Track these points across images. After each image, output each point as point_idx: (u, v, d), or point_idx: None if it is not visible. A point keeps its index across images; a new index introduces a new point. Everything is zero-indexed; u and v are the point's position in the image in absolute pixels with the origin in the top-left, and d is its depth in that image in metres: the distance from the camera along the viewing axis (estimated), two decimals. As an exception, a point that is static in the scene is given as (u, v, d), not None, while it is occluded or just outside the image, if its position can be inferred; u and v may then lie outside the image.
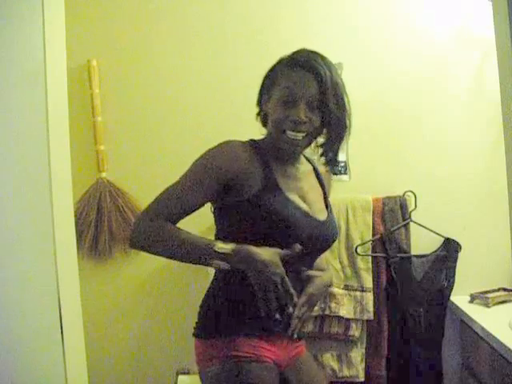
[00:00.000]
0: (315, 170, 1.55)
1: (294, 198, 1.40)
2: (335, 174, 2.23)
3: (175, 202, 1.35)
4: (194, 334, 1.45)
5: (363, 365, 2.16)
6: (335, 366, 2.14)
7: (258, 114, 1.51)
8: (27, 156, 1.90)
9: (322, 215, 1.45)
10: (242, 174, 1.35)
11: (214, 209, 1.45)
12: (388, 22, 2.30)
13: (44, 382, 1.89)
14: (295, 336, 1.38)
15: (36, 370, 1.88)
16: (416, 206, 2.21)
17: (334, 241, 1.49)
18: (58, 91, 1.94)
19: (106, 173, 2.26)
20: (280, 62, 1.43)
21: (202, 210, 1.40)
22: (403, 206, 2.21)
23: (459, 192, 2.28)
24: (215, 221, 1.46)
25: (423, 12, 2.30)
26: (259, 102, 1.49)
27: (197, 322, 1.45)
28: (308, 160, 1.55)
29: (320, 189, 1.54)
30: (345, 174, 2.25)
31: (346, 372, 2.14)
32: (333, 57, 1.79)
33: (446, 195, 2.28)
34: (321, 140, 1.45)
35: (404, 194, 2.23)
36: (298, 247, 1.32)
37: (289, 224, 1.34)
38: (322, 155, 1.48)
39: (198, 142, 2.23)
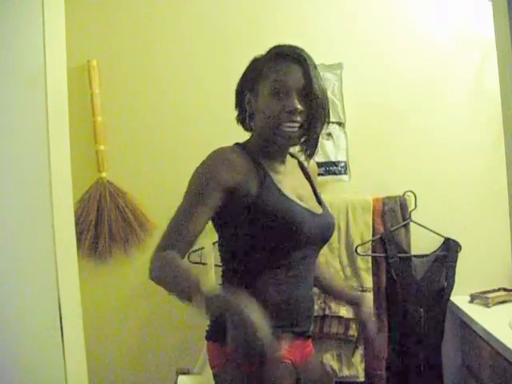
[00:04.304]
0: (300, 163, 1.54)
1: (291, 195, 1.38)
2: (335, 173, 2.24)
3: (186, 227, 1.28)
4: (206, 337, 1.40)
5: (363, 365, 2.16)
6: (335, 365, 2.14)
7: (239, 118, 1.47)
8: (27, 156, 1.90)
9: (317, 208, 1.44)
10: (241, 180, 1.32)
11: (212, 220, 1.39)
12: (388, 22, 2.30)
13: (44, 382, 1.89)
14: None
15: (36, 370, 1.88)
16: (416, 205, 2.21)
17: (333, 232, 1.47)
18: (58, 91, 1.93)
19: (106, 173, 2.26)
20: (258, 59, 1.42)
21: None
22: (403, 206, 2.22)
23: (459, 192, 2.28)
24: (217, 231, 1.41)
25: (423, 12, 2.30)
26: (239, 105, 1.45)
27: (210, 325, 1.40)
28: (292, 155, 1.52)
29: (308, 182, 1.53)
30: (345, 174, 2.24)
31: (345, 372, 2.14)
32: (333, 57, 1.79)
33: (445, 195, 2.28)
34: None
35: (404, 194, 2.23)
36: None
37: (294, 222, 1.32)
38: (303, 144, 1.42)
39: (197, 141, 2.25)
